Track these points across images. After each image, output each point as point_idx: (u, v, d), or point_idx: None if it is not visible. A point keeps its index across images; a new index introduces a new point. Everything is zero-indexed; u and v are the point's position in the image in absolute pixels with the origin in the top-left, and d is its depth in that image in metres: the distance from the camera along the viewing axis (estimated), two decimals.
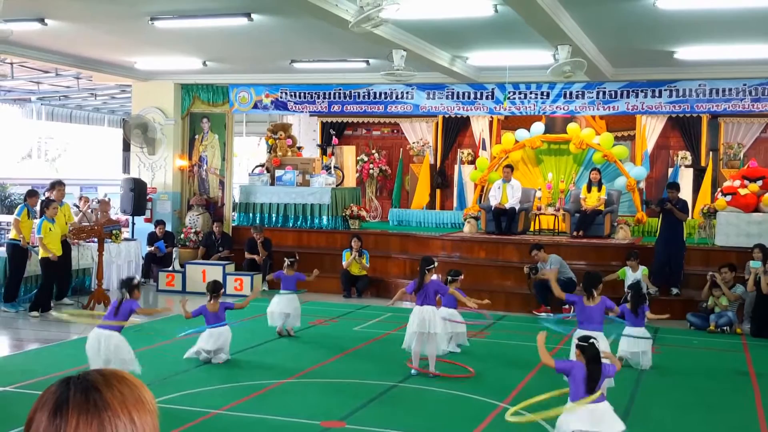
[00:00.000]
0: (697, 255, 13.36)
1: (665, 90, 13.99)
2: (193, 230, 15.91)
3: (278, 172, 16.35)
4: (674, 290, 12.67)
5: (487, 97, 15.00)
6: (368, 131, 20.63)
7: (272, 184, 16.33)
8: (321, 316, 11.74)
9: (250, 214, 16.26)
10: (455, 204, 18.34)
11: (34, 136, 26.20)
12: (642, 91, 14.12)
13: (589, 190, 14.64)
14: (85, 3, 10.02)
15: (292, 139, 17.69)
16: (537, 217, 15.61)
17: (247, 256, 14.77)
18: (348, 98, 15.69)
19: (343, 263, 14.12)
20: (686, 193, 15.94)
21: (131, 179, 15.84)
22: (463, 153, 18.97)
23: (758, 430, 6.95)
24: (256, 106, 16.31)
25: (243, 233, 15.70)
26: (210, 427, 6.62)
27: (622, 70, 13.90)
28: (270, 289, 14.31)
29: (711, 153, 17.68)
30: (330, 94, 15.73)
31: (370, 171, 19.89)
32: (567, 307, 12.21)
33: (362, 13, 8.09)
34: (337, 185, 16.60)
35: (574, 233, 14.38)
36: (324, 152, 18.78)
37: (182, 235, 15.95)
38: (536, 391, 6.76)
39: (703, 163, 17.50)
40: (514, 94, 14.81)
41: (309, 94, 15.85)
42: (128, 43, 12.90)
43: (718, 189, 14.59)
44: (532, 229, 15.48)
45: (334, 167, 17.27)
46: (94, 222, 13.49)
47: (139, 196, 15.57)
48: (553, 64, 10.77)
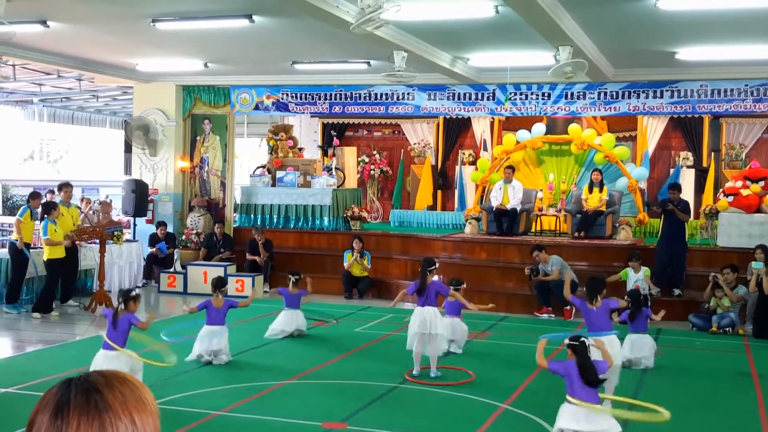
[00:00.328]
0: (699, 256, 13.35)
1: (667, 90, 13.98)
2: (195, 231, 15.91)
3: (279, 174, 16.36)
4: (676, 291, 12.66)
5: (488, 98, 15.00)
6: (369, 132, 20.63)
7: (273, 186, 16.33)
8: (323, 317, 11.72)
9: (252, 216, 16.27)
10: (456, 205, 18.34)
11: (36, 138, 26.24)
12: (643, 92, 14.11)
13: (591, 191, 14.63)
14: (86, 5, 10.02)
15: (293, 141, 17.69)
16: (538, 218, 15.60)
17: (249, 257, 14.77)
18: (349, 99, 15.68)
19: (345, 264, 14.12)
20: (688, 194, 15.93)
21: (133, 180, 15.84)
22: (464, 154, 18.97)
23: (760, 431, 6.94)
24: (257, 108, 16.31)
25: (244, 234, 15.70)
26: (211, 429, 6.62)
27: (624, 71, 13.89)
28: (271, 288, 14.39)
29: (713, 154, 17.67)
30: (331, 95, 15.73)
31: (371, 172, 19.89)
32: (568, 308, 12.25)
33: (363, 14, 8.09)
34: (338, 186, 16.60)
35: (576, 234, 14.37)
36: (325, 153, 18.79)
37: (184, 237, 15.95)
38: (538, 392, 6.77)
39: (705, 164, 17.49)
40: (515, 94, 14.80)
41: (310, 95, 15.85)
42: (130, 45, 12.91)
43: (720, 190, 14.58)
44: (533, 230, 15.47)
45: (335, 168, 17.27)
46: (96, 223, 13.51)
47: (140, 198, 15.58)
48: (554, 65, 10.76)
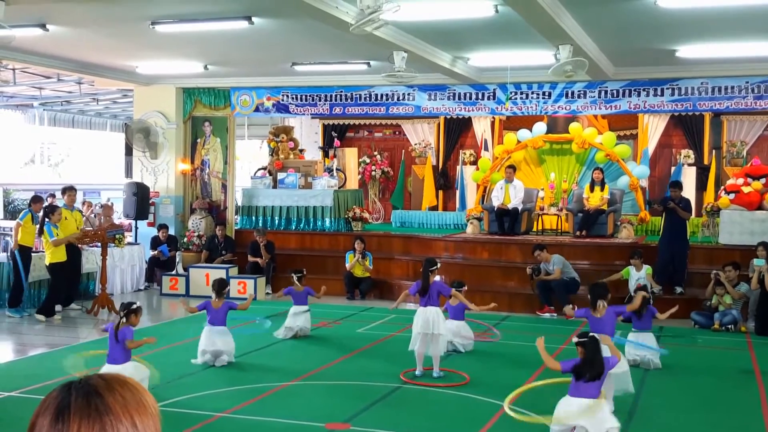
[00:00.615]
0: (701, 253, 13.34)
1: (667, 88, 13.98)
2: (196, 234, 15.92)
3: (280, 175, 16.36)
4: (678, 289, 12.65)
5: (489, 98, 14.99)
6: (370, 133, 20.64)
7: (274, 187, 16.33)
8: (325, 318, 11.73)
9: (253, 217, 16.27)
10: (458, 205, 18.34)
11: (37, 142, 26.26)
12: (644, 90, 14.11)
13: (592, 190, 14.62)
14: (86, 8, 10.03)
15: (294, 142, 17.70)
16: (540, 218, 15.59)
17: (250, 259, 14.78)
18: (349, 100, 15.69)
19: (347, 265, 14.12)
20: (689, 192, 15.92)
21: (134, 183, 15.85)
22: (465, 154, 18.97)
23: (762, 428, 6.93)
24: (257, 109, 16.32)
25: (246, 236, 15.71)
26: (215, 430, 6.62)
27: (624, 69, 13.88)
28: (273, 290, 14.40)
29: (714, 151, 17.66)
30: (331, 96, 15.73)
31: (373, 173, 19.89)
32: (571, 307, 12.23)
33: (363, 15, 8.09)
34: (339, 187, 16.60)
35: (577, 233, 14.37)
36: (326, 154, 18.79)
37: (185, 239, 15.96)
38: (540, 391, 6.76)
39: (706, 162, 17.48)
40: (516, 94, 14.80)
41: (310, 96, 15.86)
42: (129, 48, 12.92)
43: (722, 187, 14.58)
44: (534, 230, 15.46)
45: (337, 169, 17.27)
46: (98, 226, 13.51)
47: (141, 201, 15.59)
48: (555, 64, 10.76)
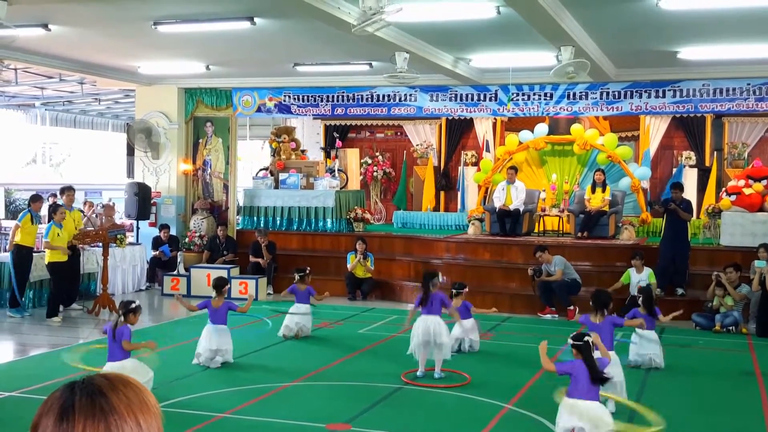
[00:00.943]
0: (702, 255, 13.34)
1: (669, 90, 13.97)
2: (198, 234, 15.93)
3: (282, 176, 16.36)
4: (679, 290, 12.65)
5: (491, 99, 14.99)
6: (372, 134, 20.64)
7: (276, 188, 16.33)
8: (326, 318, 11.73)
9: (255, 218, 16.27)
10: (459, 206, 18.34)
11: (39, 142, 26.28)
12: (646, 92, 14.10)
13: (594, 191, 14.62)
14: (88, 8, 10.04)
15: (296, 143, 17.70)
16: (541, 219, 15.59)
17: (252, 259, 14.78)
18: (351, 101, 15.69)
19: (348, 266, 14.12)
20: (691, 194, 15.92)
21: (135, 184, 15.86)
22: (467, 155, 18.97)
23: (763, 429, 6.93)
24: (259, 110, 16.32)
25: (247, 237, 15.71)
26: (216, 430, 6.62)
27: (626, 71, 13.88)
28: (275, 291, 14.41)
29: (715, 153, 17.65)
30: (333, 97, 15.73)
31: (374, 173, 19.89)
32: (572, 308, 12.25)
33: (365, 15, 8.10)
34: (341, 188, 16.61)
35: (579, 234, 14.37)
36: (328, 155, 18.78)
37: (187, 239, 15.97)
38: (541, 392, 6.77)
39: (708, 163, 17.47)
40: (518, 95, 14.80)
41: (312, 97, 15.86)
42: (131, 48, 12.93)
43: (723, 189, 14.57)
44: (536, 231, 15.46)
45: (338, 170, 17.27)
46: (99, 227, 13.52)
47: (143, 201, 15.59)
48: (556, 65, 10.76)
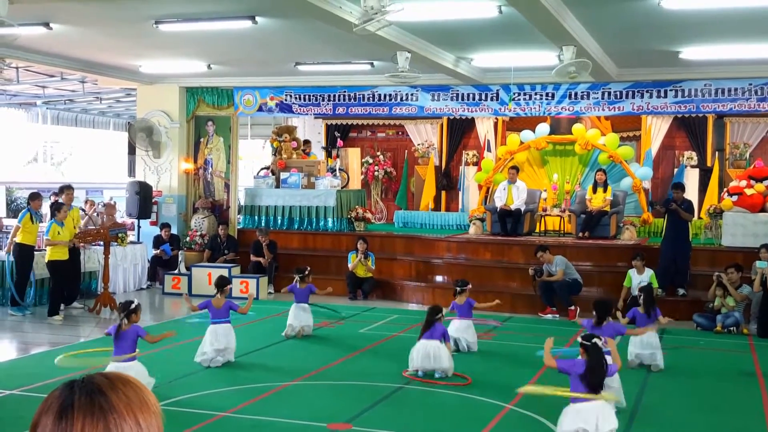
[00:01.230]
0: (704, 255, 13.32)
1: (671, 90, 13.96)
2: (199, 233, 15.93)
3: (283, 175, 16.36)
4: (680, 291, 12.64)
5: (492, 99, 14.98)
6: (373, 133, 20.64)
7: (277, 187, 16.33)
8: (327, 318, 11.72)
9: (256, 217, 16.27)
10: (460, 205, 18.34)
11: (40, 140, 26.28)
12: (647, 92, 14.09)
13: (595, 191, 14.61)
14: (90, 7, 10.04)
15: (297, 142, 17.70)
16: (542, 219, 15.58)
17: (253, 258, 14.77)
18: (352, 100, 15.68)
19: (349, 265, 14.11)
20: (692, 194, 15.91)
21: (137, 182, 15.86)
22: (468, 154, 18.96)
23: (764, 430, 6.92)
24: (260, 109, 16.32)
25: (248, 236, 15.70)
26: (217, 429, 6.62)
27: (627, 71, 13.87)
28: (276, 290, 14.41)
29: (717, 153, 17.64)
30: (334, 96, 15.73)
31: (375, 173, 19.89)
32: (573, 308, 12.24)
33: (366, 15, 8.09)
34: (342, 187, 16.60)
35: (580, 234, 14.36)
36: (329, 154, 18.78)
37: (188, 238, 15.96)
38: (543, 396, 6.76)
39: (709, 164, 17.46)
40: (519, 95, 14.79)
41: (313, 96, 15.86)
42: (133, 47, 12.93)
43: (724, 189, 14.55)
44: (537, 231, 15.46)
45: (339, 169, 17.27)
46: (100, 225, 13.52)
47: (144, 200, 15.59)
48: (558, 65, 10.76)
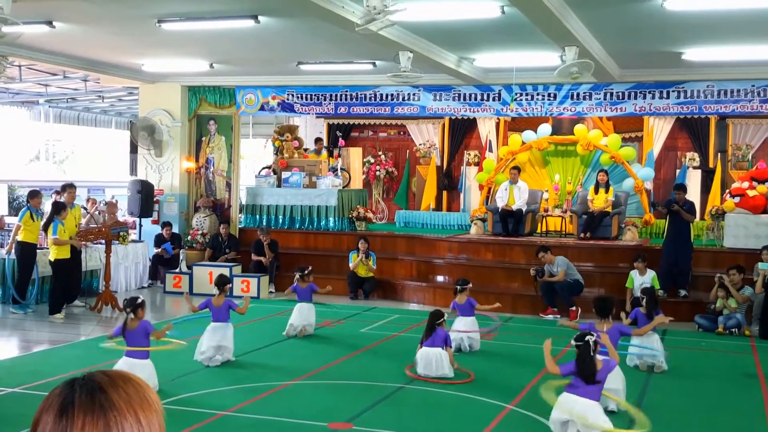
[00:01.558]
0: (706, 257, 13.31)
1: (673, 91, 13.95)
2: (200, 232, 15.93)
3: (285, 174, 16.36)
4: (682, 292, 12.62)
5: (494, 99, 14.97)
6: (375, 133, 20.63)
7: (279, 186, 16.33)
8: (328, 317, 11.73)
9: (257, 216, 16.27)
10: (462, 206, 18.33)
11: (42, 139, 26.25)
12: (650, 93, 14.08)
13: (597, 192, 14.60)
14: (92, 5, 10.04)
15: (299, 141, 17.70)
16: (544, 219, 15.57)
17: (254, 257, 14.77)
18: (354, 100, 15.68)
19: (350, 265, 14.11)
20: (694, 195, 15.89)
21: (138, 181, 15.87)
22: (469, 155, 18.95)
23: (766, 431, 6.93)
24: (262, 108, 16.32)
25: (250, 235, 15.71)
26: (217, 428, 6.62)
27: (630, 71, 13.86)
28: (277, 289, 14.41)
29: (719, 154, 17.61)
30: (336, 95, 15.73)
31: (377, 173, 19.89)
32: (574, 309, 12.23)
33: (369, 15, 8.08)
34: (343, 187, 16.60)
35: (582, 235, 14.34)
36: (330, 154, 18.78)
37: (189, 237, 15.97)
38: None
39: (711, 165, 17.44)
40: (521, 95, 14.78)
41: (315, 95, 15.86)
42: (135, 46, 12.93)
43: (727, 191, 14.53)
44: (539, 231, 15.45)
45: (341, 169, 17.26)
46: (102, 224, 13.52)
47: (146, 198, 15.60)
48: (561, 66, 10.75)
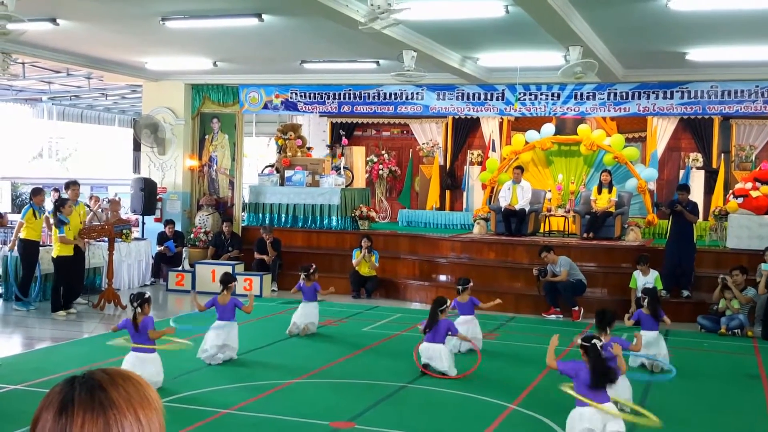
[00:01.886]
0: (709, 257, 13.28)
1: (677, 91, 13.92)
2: (203, 230, 15.94)
3: (288, 173, 16.36)
4: (685, 293, 12.60)
5: (498, 98, 14.96)
6: (378, 132, 20.63)
7: (282, 185, 16.33)
8: (331, 316, 11.73)
9: (260, 215, 16.27)
10: (465, 205, 18.32)
11: (45, 136, 26.30)
12: (653, 93, 14.05)
13: (600, 192, 14.58)
14: (96, 3, 10.04)
15: (302, 140, 17.69)
16: (547, 219, 15.56)
17: (257, 256, 14.78)
18: (358, 99, 15.67)
19: (353, 261, 14.10)
20: (698, 195, 15.88)
21: (141, 179, 15.88)
22: (473, 154, 18.94)
23: None
24: (266, 107, 16.32)
25: (252, 233, 15.71)
26: (219, 427, 6.62)
27: (634, 72, 13.84)
28: (279, 288, 14.42)
29: (722, 155, 17.59)
30: (340, 94, 15.72)
31: (380, 172, 19.88)
32: (577, 309, 12.22)
33: (373, 13, 8.08)
34: (346, 186, 16.60)
35: (585, 235, 14.33)
36: (333, 153, 18.77)
37: (192, 235, 15.98)
38: (546, 392, 6.76)
39: (715, 165, 17.42)
40: (525, 95, 14.76)
41: (319, 94, 15.85)
42: (139, 43, 12.94)
43: (730, 191, 14.51)
44: (542, 231, 15.43)
45: (344, 168, 17.26)
46: (105, 221, 13.53)
47: (149, 196, 15.61)
48: (564, 65, 10.73)
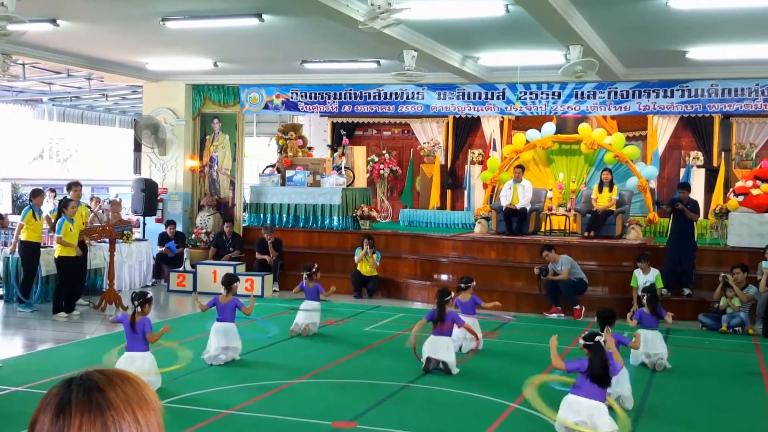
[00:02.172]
0: (710, 255, 13.28)
1: (677, 90, 13.92)
2: (204, 230, 15.94)
3: (289, 173, 16.36)
4: (686, 291, 12.60)
5: (498, 98, 14.96)
6: (379, 132, 20.62)
7: (283, 185, 16.33)
8: (332, 316, 11.73)
9: (261, 215, 16.27)
10: (466, 204, 18.31)
11: (46, 137, 26.32)
12: (654, 91, 14.05)
13: (601, 191, 14.58)
14: (96, 4, 10.05)
15: (303, 140, 17.69)
16: (548, 218, 15.56)
17: (258, 256, 14.78)
18: (358, 98, 15.68)
19: (355, 258, 14.09)
20: (698, 194, 15.87)
21: (142, 180, 15.88)
22: (473, 153, 18.94)
23: None
24: (266, 107, 16.33)
25: (253, 234, 15.71)
26: (221, 427, 6.62)
27: (634, 70, 13.84)
28: (280, 288, 14.43)
29: (723, 153, 17.58)
30: (340, 94, 15.72)
31: (381, 171, 19.88)
32: (578, 308, 12.22)
33: (373, 13, 8.08)
34: (347, 186, 16.60)
35: (585, 234, 14.33)
36: (334, 152, 18.77)
37: (193, 236, 15.99)
38: (547, 392, 6.74)
39: (715, 164, 17.41)
40: (525, 94, 14.76)
41: (319, 94, 15.85)
42: (139, 44, 12.94)
43: (730, 189, 14.51)
44: (543, 230, 15.43)
45: (345, 168, 17.26)
46: (106, 222, 13.53)
47: (150, 197, 15.61)
48: (565, 64, 10.73)
